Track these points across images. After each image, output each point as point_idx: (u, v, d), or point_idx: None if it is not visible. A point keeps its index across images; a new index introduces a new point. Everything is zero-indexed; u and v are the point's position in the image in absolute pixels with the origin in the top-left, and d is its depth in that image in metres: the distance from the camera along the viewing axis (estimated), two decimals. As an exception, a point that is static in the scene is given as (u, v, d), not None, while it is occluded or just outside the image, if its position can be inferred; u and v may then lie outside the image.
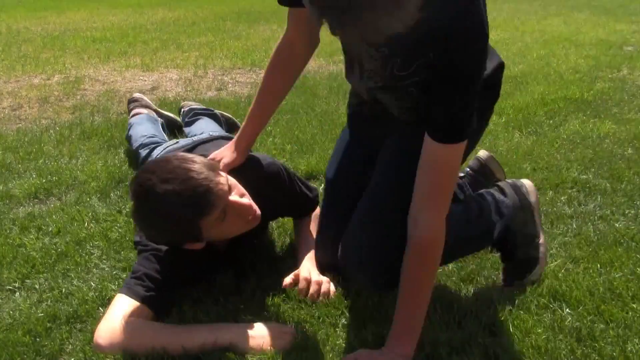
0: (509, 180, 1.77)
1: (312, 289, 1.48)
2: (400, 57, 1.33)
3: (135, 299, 1.42)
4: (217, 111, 2.86)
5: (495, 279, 1.64)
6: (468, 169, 1.94)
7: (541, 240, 1.67)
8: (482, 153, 1.97)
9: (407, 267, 1.35)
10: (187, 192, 1.33)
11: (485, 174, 1.93)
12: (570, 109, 3.24)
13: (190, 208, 1.34)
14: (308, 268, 1.55)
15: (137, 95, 2.99)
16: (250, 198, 1.48)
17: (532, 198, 1.71)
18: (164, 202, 1.33)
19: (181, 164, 1.38)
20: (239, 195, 1.45)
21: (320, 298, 1.49)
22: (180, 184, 1.34)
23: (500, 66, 1.53)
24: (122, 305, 1.41)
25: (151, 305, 1.43)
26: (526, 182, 1.75)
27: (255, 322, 1.42)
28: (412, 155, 1.34)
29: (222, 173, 1.43)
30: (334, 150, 1.78)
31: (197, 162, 1.39)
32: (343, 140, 1.76)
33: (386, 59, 1.36)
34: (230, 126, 2.82)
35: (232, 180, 1.46)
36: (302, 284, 1.48)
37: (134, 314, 1.40)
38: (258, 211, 1.48)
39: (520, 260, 1.63)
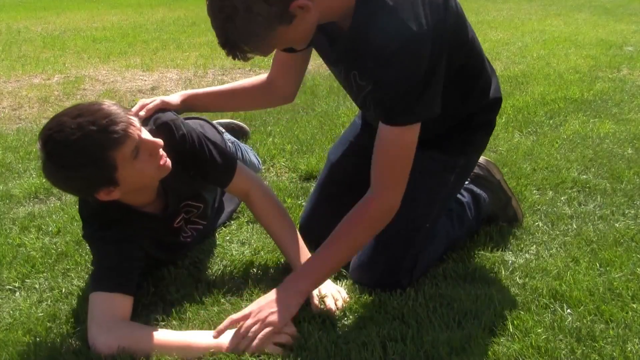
0: (476, 171, 1.88)
1: (329, 302, 1.50)
2: (355, 70, 1.42)
3: (108, 291, 1.42)
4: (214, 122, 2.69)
5: (495, 279, 1.64)
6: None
7: (513, 202, 1.91)
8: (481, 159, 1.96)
9: (348, 221, 1.44)
10: (101, 120, 1.32)
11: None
12: (570, 109, 3.24)
13: (105, 134, 1.32)
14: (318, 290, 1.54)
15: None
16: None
17: (497, 175, 1.91)
18: (79, 132, 1.30)
19: (90, 105, 1.37)
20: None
21: (341, 303, 1.51)
22: (94, 115, 1.33)
23: (497, 101, 1.65)
24: (102, 303, 1.41)
25: (124, 290, 1.44)
26: (487, 162, 1.90)
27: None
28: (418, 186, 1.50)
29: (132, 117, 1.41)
30: (343, 134, 1.91)
31: (106, 102, 1.39)
32: (354, 126, 1.86)
33: (347, 73, 1.46)
34: (233, 132, 2.57)
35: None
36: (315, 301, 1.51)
37: (115, 306, 1.41)
38: (168, 161, 1.47)
39: (503, 220, 1.92)
